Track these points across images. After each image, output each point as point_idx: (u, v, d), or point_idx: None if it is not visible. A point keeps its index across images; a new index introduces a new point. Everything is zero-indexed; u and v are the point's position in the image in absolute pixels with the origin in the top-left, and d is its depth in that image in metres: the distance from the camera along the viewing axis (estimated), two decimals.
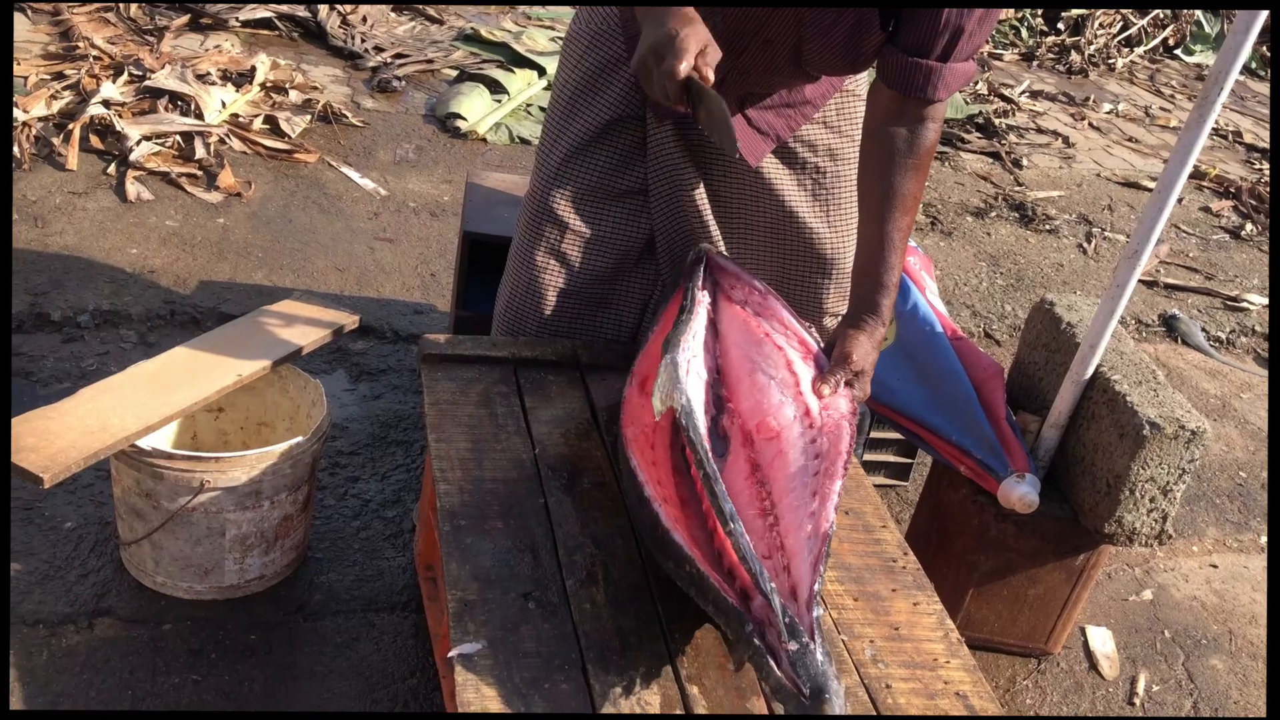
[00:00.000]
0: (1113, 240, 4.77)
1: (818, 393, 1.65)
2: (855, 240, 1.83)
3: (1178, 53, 7.72)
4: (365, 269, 3.36)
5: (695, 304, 1.75)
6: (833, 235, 2.06)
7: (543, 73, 4.85)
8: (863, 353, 1.72)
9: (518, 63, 4.92)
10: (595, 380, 1.96)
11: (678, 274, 1.96)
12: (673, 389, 1.54)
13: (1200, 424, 2.05)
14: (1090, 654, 2.51)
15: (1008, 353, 3.67)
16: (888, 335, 1.83)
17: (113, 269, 3.08)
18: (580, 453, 1.79)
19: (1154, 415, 2.05)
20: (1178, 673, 2.53)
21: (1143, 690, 2.45)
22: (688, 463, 1.52)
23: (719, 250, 1.98)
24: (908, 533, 2.47)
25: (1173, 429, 2.03)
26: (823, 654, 1.29)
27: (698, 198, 2.00)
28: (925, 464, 2.73)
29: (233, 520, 2.02)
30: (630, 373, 1.78)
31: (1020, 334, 2.47)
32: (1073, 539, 2.23)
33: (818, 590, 1.37)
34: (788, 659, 1.28)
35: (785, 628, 1.29)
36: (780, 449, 1.57)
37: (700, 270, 1.82)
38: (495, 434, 1.79)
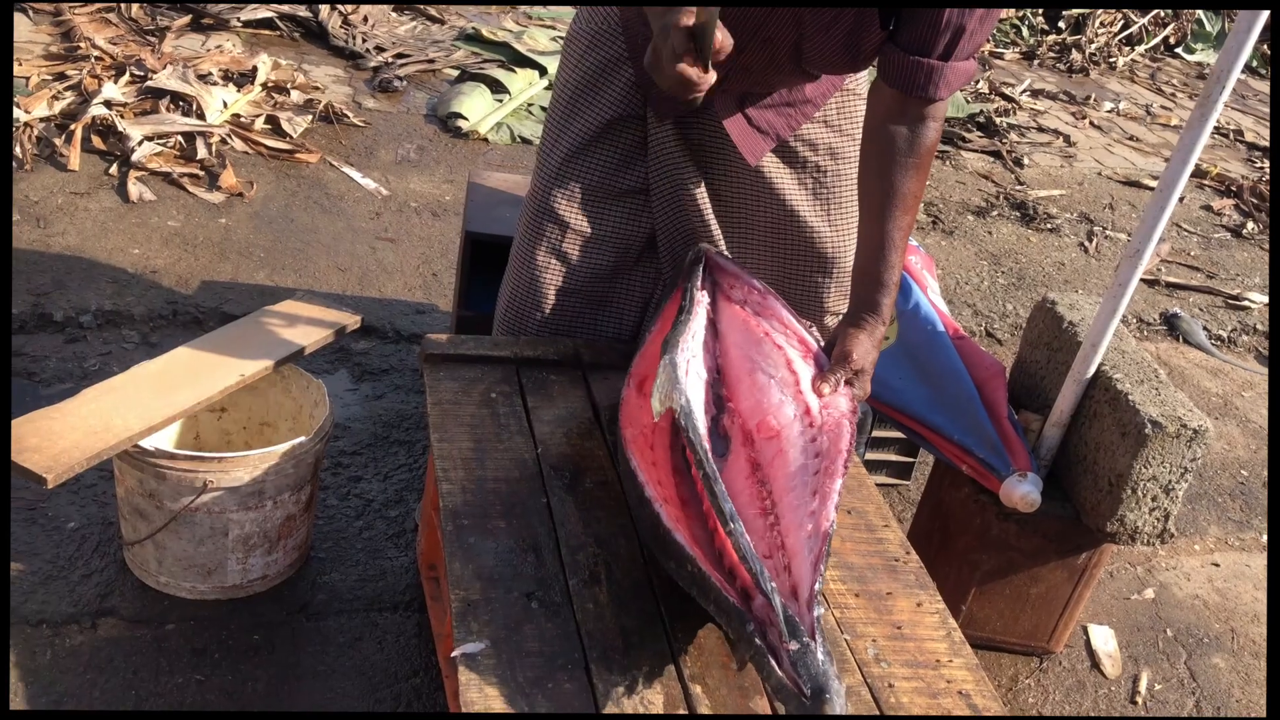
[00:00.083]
0: (1114, 239, 4.76)
1: (818, 391, 1.65)
2: (856, 239, 1.83)
3: (1179, 51, 7.71)
4: (367, 269, 3.36)
5: (694, 304, 1.75)
6: (833, 234, 2.06)
7: (544, 72, 4.85)
8: (863, 351, 1.72)
9: (519, 62, 4.91)
10: (597, 379, 1.96)
11: (677, 274, 1.96)
12: (672, 389, 1.54)
13: (1202, 423, 2.05)
14: (1092, 653, 2.51)
15: (1009, 352, 3.67)
16: (889, 334, 1.83)
17: (115, 269, 3.08)
18: (582, 452, 1.79)
19: (1156, 414, 2.05)
20: (1180, 671, 2.53)
21: (1145, 689, 2.45)
22: (688, 463, 1.52)
23: (718, 250, 1.98)
24: (910, 532, 2.47)
25: (1174, 428, 2.03)
26: (824, 654, 1.29)
27: (699, 197, 2.00)
28: (927, 463, 2.73)
29: (236, 520, 2.02)
30: (628, 373, 1.78)
31: (1022, 333, 2.47)
32: (1075, 538, 2.23)
33: (818, 589, 1.37)
34: (789, 659, 1.28)
35: (786, 627, 1.29)
36: (780, 448, 1.57)
37: (699, 270, 1.82)
38: (497, 433, 1.79)
